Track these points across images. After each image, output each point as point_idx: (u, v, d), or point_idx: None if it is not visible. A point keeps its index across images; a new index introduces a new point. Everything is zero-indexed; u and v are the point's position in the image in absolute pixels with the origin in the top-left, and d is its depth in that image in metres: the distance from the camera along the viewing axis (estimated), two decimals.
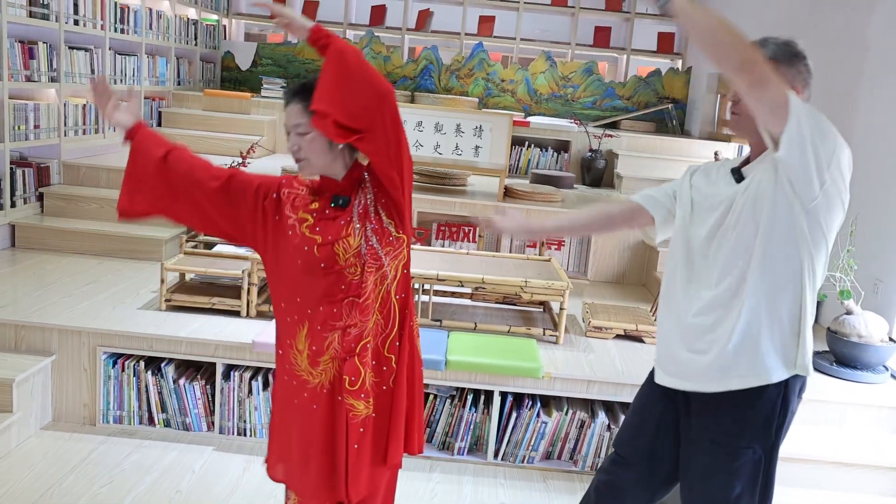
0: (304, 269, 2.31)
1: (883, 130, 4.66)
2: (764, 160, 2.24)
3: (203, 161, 2.38)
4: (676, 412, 2.46)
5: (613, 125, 8.51)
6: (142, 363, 3.88)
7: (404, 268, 2.44)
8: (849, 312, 4.25)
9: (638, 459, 2.55)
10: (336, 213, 2.34)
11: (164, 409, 3.90)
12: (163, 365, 3.89)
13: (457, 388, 3.97)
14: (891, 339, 4.23)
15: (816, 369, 4.27)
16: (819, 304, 5.14)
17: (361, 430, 2.36)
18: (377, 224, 2.34)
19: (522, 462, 3.90)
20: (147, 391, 3.88)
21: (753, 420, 2.27)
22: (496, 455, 3.91)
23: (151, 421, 3.92)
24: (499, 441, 3.91)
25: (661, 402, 2.50)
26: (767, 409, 2.26)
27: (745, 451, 2.27)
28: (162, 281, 4.15)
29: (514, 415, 3.89)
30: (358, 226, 2.32)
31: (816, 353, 4.39)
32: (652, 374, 2.59)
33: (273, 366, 3.04)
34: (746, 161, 2.36)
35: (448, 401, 3.92)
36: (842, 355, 4.22)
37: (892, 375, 4.24)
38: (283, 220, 2.35)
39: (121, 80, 6.49)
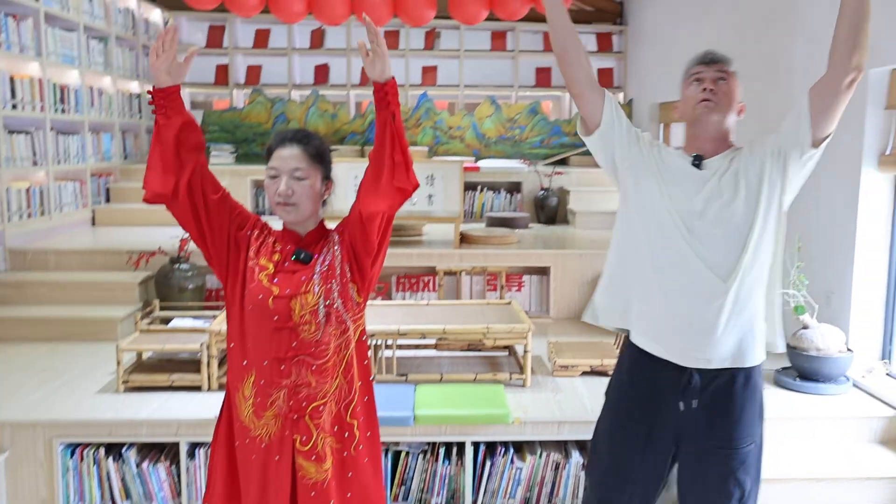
0: (255, 317, 2.29)
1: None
2: (735, 156, 2.46)
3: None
4: (664, 445, 2.50)
5: (562, 162, 8.59)
6: (101, 450, 3.77)
7: (362, 333, 2.43)
8: (805, 327, 4.29)
9: (628, 501, 2.56)
10: (296, 268, 2.32)
11: (128, 496, 3.78)
12: (124, 450, 3.78)
13: (428, 443, 3.91)
14: (848, 349, 4.26)
15: (781, 386, 4.29)
16: None
17: (312, 493, 2.31)
18: (342, 287, 2.32)
19: None
20: (109, 479, 3.76)
21: (750, 415, 2.46)
22: None
23: None
24: (475, 492, 3.85)
25: (641, 439, 2.50)
26: (758, 401, 2.49)
27: (750, 447, 2.46)
28: (118, 362, 4.06)
29: (488, 463, 3.84)
30: (318, 284, 2.30)
31: (778, 371, 4.42)
32: (614, 408, 2.57)
33: None
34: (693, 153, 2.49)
35: (420, 456, 3.86)
36: (803, 370, 4.24)
37: (854, 384, 4.26)
38: (247, 260, 2.34)
39: (64, 160, 6.42)
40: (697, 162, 2.45)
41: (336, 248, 2.36)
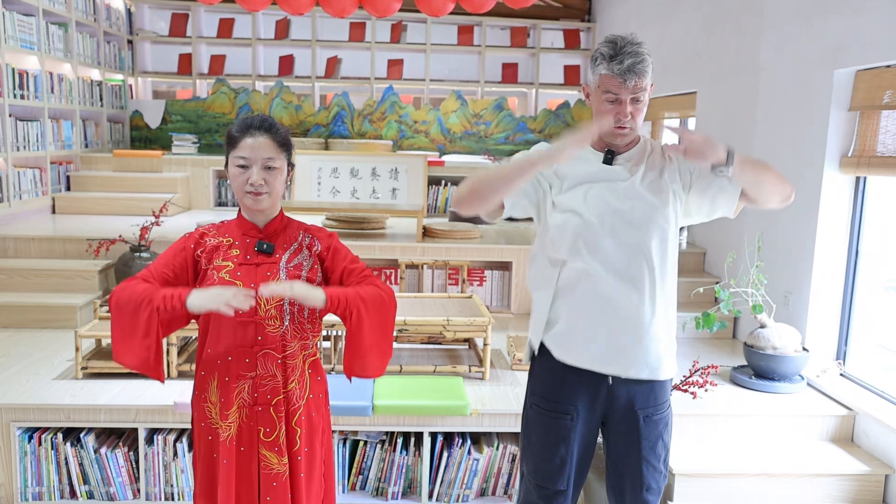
0: (219, 316, 2.27)
1: (781, 147, 4.83)
2: (649, 154, 2.48)
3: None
4: (592, 421, 2.56)
5: None
6: (59, 435, 3.75)
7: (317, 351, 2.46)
8: (762, 326, 4.37)
9: (568, 484, 2.61)
10: (259, 260, 2.32)
11: (86, 481, 3.77)
12: (82, 435, 3.77)
13: (386, 433, 3.93)
14: (804, 349, 4.35)
15: (736, 384, 4.37)
16: (735, 319, 5.27)
17: (274, 484, 2.33)
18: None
19: (457, 501, 3.88)
20: (67, 464, 3.75)
21: (670, 382, 2.62)
22: (430, 496, 3.88)
23: (73, 494, 3.78)
24: (432, 482, 3.88)
25: (572, 425, 2.54)
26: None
27: (669, 409, 2.60)
28: (77, 348, 4.04)
29: (445, 454, 3.87)
30: (284, 279, 2.31)
31: (735, 368, 4.50)
32: (541, 391, 2.58)
33: None
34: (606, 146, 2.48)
35: (378, 446, 3.89)
36: (759, 368, 4.32)
37: (808, 384, 4.35)
38: (204, 275, 2.33)
39: (24, 147, 6.34)
40: (610, 157, 2.46)
41: (310, 256, 2.38)
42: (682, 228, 2.69)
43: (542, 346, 2.58)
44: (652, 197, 2.44)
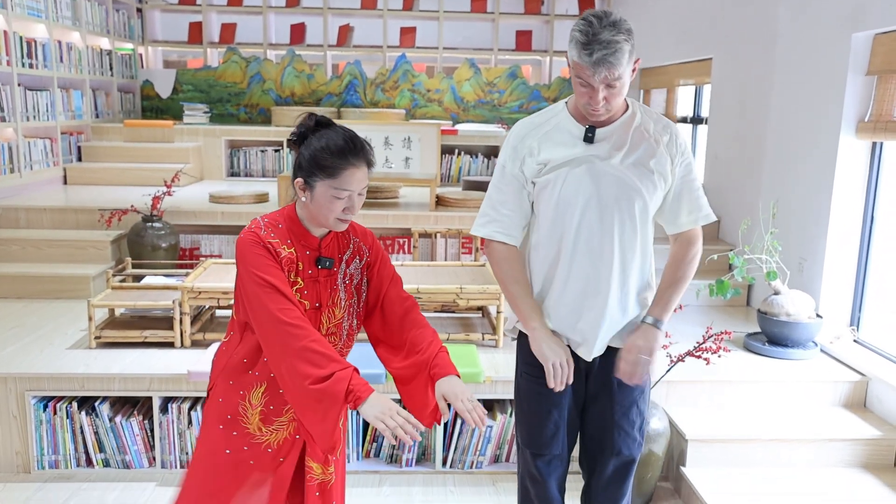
0: None
1: (797, 113, 4.77)
2: (634, 129, 2.41)
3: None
4: (578, 384, 2.57)
5: None
6: (74, 404, 3.77)
7: None
8: (776, 293, 4.34)
9: (564, 448, 2.63)
10: (317, 274, 2.23)
11: (101, 449, 3.80)
12: (97, 404, 3.79)
13: (399, 400, 3.93)
14: (818, 315, 4.32)
15: (749, 350, 4.36)
16: (749, 286, 5.25)
17: (317, 493, 2.32)
18: (359, 311, 2.32)
19: (471, 467, 3.89)
20: (82, 432, 3.78)
21: None
22: (444, 463, 3.90)
23: (89, 462, 3.82)
24: (446, 449, 3.90)
25: (564, 390, 2.52)
26: None
27: (646, 377, 2.55)
28: (90, 318, 4.05)
29: (459, 421, 3.88)
30: (345, 299, 2.26)
31: (748, 335, 4.49)
32: (529, 363, 2.56)
33: None
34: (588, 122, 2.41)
35: None
36: (772, 334, 4.31)
37: (822, 350, 4.33)
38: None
39: (34, 117, 6.33)
40: (591, 134, 2.39)
41: (360, 265, 2.32)
42: None
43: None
44: (631, 178, 2.38)
